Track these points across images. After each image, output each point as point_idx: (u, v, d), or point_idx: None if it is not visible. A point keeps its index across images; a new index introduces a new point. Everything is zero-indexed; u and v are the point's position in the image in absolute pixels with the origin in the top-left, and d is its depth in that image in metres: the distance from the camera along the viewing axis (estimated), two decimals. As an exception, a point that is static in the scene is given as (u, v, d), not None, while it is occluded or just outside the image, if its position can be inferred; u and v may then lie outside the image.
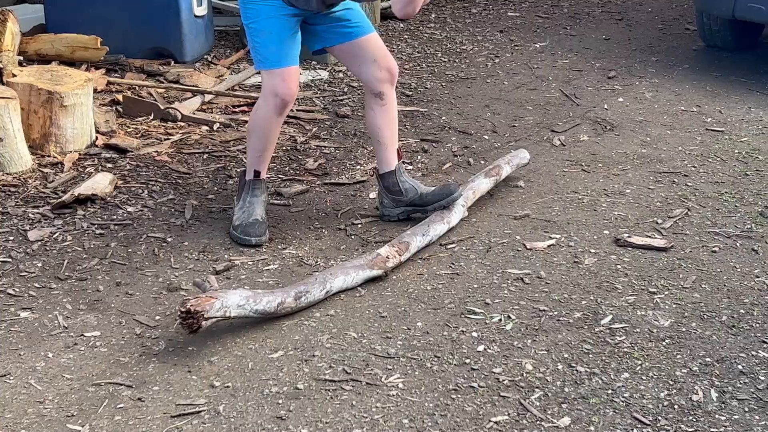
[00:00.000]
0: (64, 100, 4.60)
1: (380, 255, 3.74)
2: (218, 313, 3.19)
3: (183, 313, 3.14)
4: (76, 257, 3.83)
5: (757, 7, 5.97)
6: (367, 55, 4.03)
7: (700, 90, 5.96)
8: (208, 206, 4.29)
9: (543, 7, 7.90)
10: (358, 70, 4.09)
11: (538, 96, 5.86)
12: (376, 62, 4.03)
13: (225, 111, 5.44)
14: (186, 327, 3.15)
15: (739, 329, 3.40)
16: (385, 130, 4.13)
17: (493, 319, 3.44)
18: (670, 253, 3.94)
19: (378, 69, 4.04)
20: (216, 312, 3.18)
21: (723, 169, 4.78)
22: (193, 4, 6.02)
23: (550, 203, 4.41)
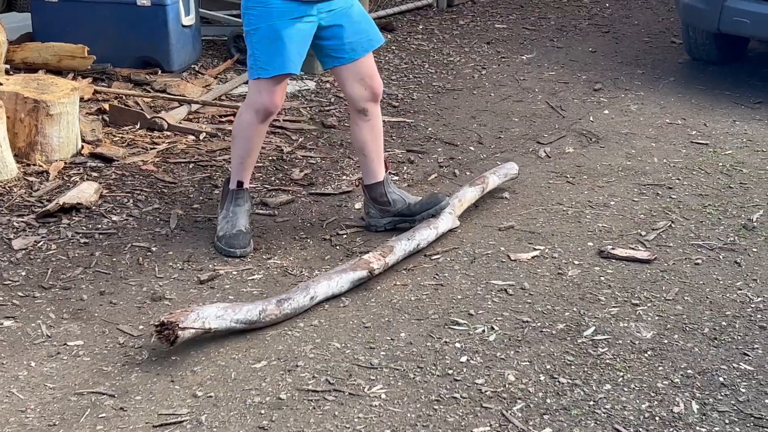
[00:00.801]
0: (50, 109, 4.60)
1: (363, 258, 3.76)
2: (195, 324, 3.19)
3: (158, 327, 3.15)
4: (60, 266, 3.82)
5: (742, 21, 6.00)
6: (356, 74, 4.03)
7: (686, 103, 5.99)
8: (193, 216, 4.29)
9: (530, 19, 7.93)
10: (343, 85, 4.10)
11: (524, 108, 5.88)
12: (362, 81, 4.04)
13: (211, 121, 5.45)
14: (163, 339, 3.15)
15: (720, 341, 3.42)
16: (371, 144, 4.15)
17: (477, 330, 3.45)
18: (653, 265, 3.96)
19: (362, 88, 4.04)
20: (192, 323, 3.18)
21: (707, 182, 4.81)
22: (181, 14, 6.02)
23: (535, 215, 4.42)
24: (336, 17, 3.92)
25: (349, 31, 3.96)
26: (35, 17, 6.07)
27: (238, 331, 3.35)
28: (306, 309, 3.52)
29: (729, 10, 6.02)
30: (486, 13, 8.06)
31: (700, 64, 6.74)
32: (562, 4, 8.48)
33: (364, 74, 4.04)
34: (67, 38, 5.80)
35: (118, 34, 5.96)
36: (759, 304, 3.68)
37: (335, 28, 3.93)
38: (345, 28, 3.95)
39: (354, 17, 3.98)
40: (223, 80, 6.08)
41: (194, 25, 6.20)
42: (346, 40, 3.97)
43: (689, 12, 6.36)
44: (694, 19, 6.41)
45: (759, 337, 3.45)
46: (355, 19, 3.98)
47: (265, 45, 3.83)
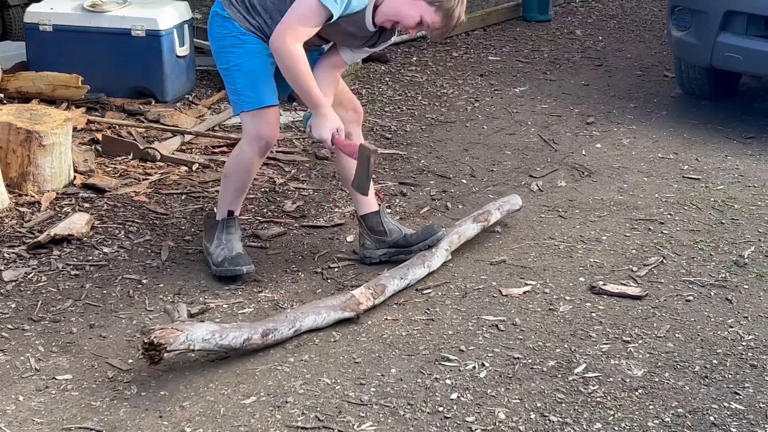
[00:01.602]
0: (43, 140, 4.60)
1: (354, 296, 3.75)
2: (182, 347, 3.19)
3: (146, 344, 3.15)
4: (50, 298, 3.81)
5: (735, 57, 6.03)
6: (337, 99, 4.05)
7: (678, 137, 6.00)
8: (184, 248, 4.29)
9: (523, 51, 7.96)
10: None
11: (517, 141, 5.89)
12: (344, 104, 4.09)
13: (204, 151, 5.45)
14: (147, 358, 3.15)
15: (711, 380, 3.41)
16: None
17: (467, 367, 3.45)
18: (644, 301, 3.96)
19: (345, 110, 4.07)
20: (179, 345, 3.18)
21: (699, 217, 4.81)
22: (176, 44, 6.04)
23: (527, 249, 4.42)
24: None
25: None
26: (30, 46, 6.08)
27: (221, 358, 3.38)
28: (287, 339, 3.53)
29: (721, 46, 6.05)
30: (479, 45, 8.09)
31: (692, 98, 6.76)
32: (555, 36, 8.52)
33: (343, 97, 4.10)
34: (61, 68, 5.81)
35: (112, 64, 5.97)
36: (750, 341, 3.68)
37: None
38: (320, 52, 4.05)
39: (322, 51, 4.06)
40: (217, 111, 6.08)
41: (189, 55, 6.22)
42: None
43: (682, 47, 6.39)
44: (687, 54, 6.44)
45: (750, 376, 3.44)
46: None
47: (249, 80, 3.87)
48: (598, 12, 9.56)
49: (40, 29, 5.98)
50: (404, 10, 3.75)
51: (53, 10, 6.03)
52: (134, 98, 6.02)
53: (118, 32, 5.92)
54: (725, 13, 6.03)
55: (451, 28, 3.82)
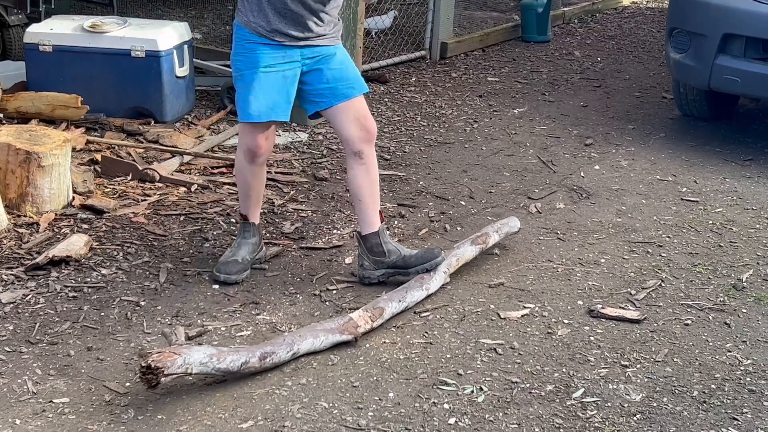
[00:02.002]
0: (42, 161, 4.61)
1: (352, 319, 3.75)
2: (179, 370, 3.19)
3: (143, 368, 3.15)
4: (48, 320, 3.81)
5: (733, 79, 6.05)
6: (349, 115, 4.13)
7: (676, 159, 6.01)
8: (183, 269, 4.28)
9: (522, 73, 7.98)
10: (339, 127, 4.20)
11: (516, 162, 5.90)
12: (357, 121, 4.14)
13: (204, 172, 5.45)
14: (144, 382, 3.15)
15: (710, 405, 3.41)
16: (366, 189, 4.20)
17: (465, 391, 3.44)
18: (642, 325, 3.96)
19: (357, 128, 4.13)
20: (177, 369, 3.18)
21: (697, 240, 4.82)
22: (175, 65, 6.05)
23: (525, 272, 4.43)
24: (317, 63, 4.06)
25: (329, 77, 4.09)
26: (30, 66, 6.08)
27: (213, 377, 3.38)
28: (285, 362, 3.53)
29: (719, 68, 6.07)
30: (478, 66, 8.11)
31: (690, 120, 6.78)
32: (554, 58, 8.54)
33: (358, 114, 4.14)
34: (61, 88, 5.81)
35: (112, 84, 5.98)
36: (748, 366, 3.67)
37: (315, 73, 4.08)
38: (324, 72, 4.09)
39: (334, 64, 4.10)
40: (216, 131, 6.09)
41: (188, 75, 6.23)
42: (326, 86, 4.09)
43: (680, 69, 6.41)
44: (685, 76, 6.46)
45: (748, 401, 3.44)
46: (335, 66, 4.10)
47: (248, 92, 4.00)
48: (597, 33, 9.59)
49: (40, 49, 5.99)
50: None
51: (53, 30, 6.04)
52: (134, 118, 6.02)
53: (117, 53, 5.93)
54: (723, 35, 6.06)
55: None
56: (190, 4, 9.53)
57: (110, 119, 5.96)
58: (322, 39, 4.04)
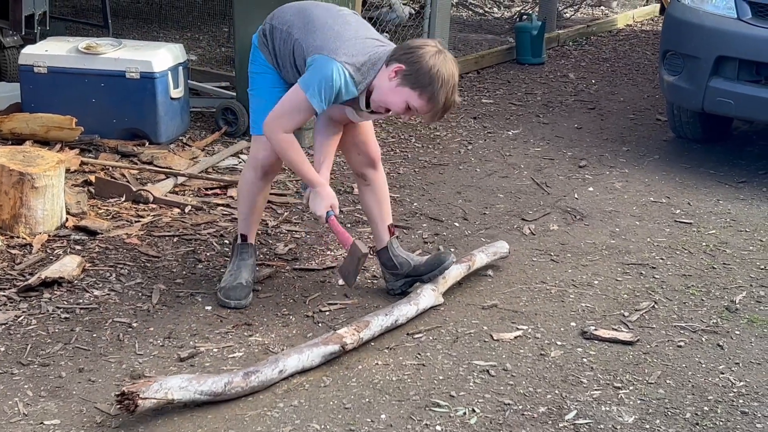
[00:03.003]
0: (36, 182, 4.61)
1: (337, 333, 3.76)
2: (157, 395, 3.18)
3: (118, 396, 3.17)
4: (39, 342, 3.80)
5: (726, 102, 6.08)
6: (350, 139, 4.21)
7: (670, 181, 6.03)
8: (175, 291, 4.28)
9: (517, 94, 8.01)
10: (342, 148, 4.27)
11: (510, 184, 5.91)
12: (356, 146, 4.22)
13: (198, 193, 5.45)
14: (123, 409, 3.15)
15: (702, 427, 3.40)
16: (373, 208, 4.32)
17: (458, 413, 3.43)
18: (635, 347, 3.95)
19: (357, 153, 4.22)
20: (154, 393, 3.17)
21: (690, 262, 4.82)
22: (170, 86, 6.06)
23: (518, 293, 4.42)
24: None
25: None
26: (24, 87, 6.09)
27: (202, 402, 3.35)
28: (275, 382, 3.51)
29: (713, 91, 6.10)
30: (473, 88, 8.13)
31: (684, 142, 6.80)
32: (548, 80, 8.57)
33: (358, 140, 4.21)
34: (55, 109, 5.82)
35: (106, 105, 5.99)
36: (741, 388, 3.67)
37: None
38: None
39: None
40: (211, 152, 6.10)
41: (183, 97, 6.24)
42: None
43: (674, 91, 6.44)
44: (679, 99, 6.48)
45: (741, 423, 3.43)
46: None
47: (259, 107, 4.07)
48: (591, 55, 9.63)
49: (34, 71, 6.00)
50: (390, 97, 3.81)
51: (48, 51, 6.06)
52: (128, 140, 6.03)
53: (112, 74, 5.95)
54: (717, 58, 6.09)
55: (440, 111, 3.81)
56: (185, 26, 9.56)
57: (104, 140, 5.97)
58: None
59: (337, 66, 3.75)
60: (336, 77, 3.75)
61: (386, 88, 3.78)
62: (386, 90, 3.79)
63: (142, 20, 9.59)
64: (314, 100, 3.76)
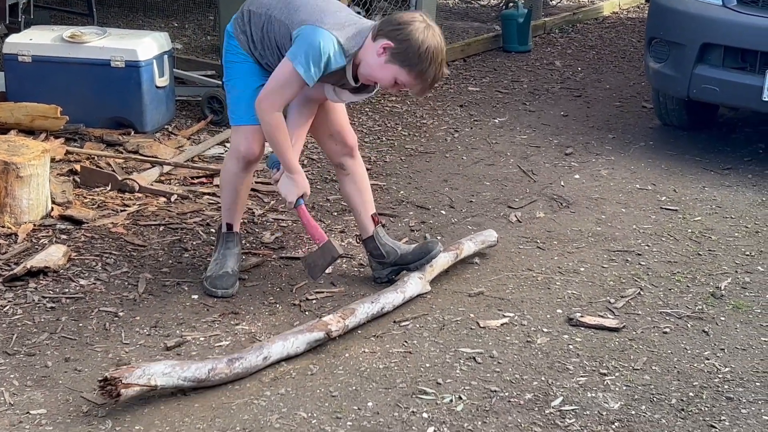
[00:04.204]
0: (20, 171, 4.59)
1: (322, 320, 3.77)
2: (140, 381, 3.18)
3: (101, 382, 3.17)
4: (25, 331, 3.79)
5: (712, 89, 6.09)
6: (326, 130, 4.19)
7: (656, 168, 6.04)
8: (162, 280, 4.27)
9: (503, 82, 8.00)
10: (318, 140, 4.30)
11: (496, 171, 5.91)
12: (332, 137, 4.21)
13: (183, 182, 5.44)
14: (106, 395, 3.15)
15: (688, 413, 3.42)
16: (355, 197, 4.31)
17: (444, 400, 3.44)
18: (621, 333, 3.97)
19: (334, 143, 4.21)
20: (137, 379, 3.18)
21: (676, 249, 4.83)
22: (155, 75, 6.04)
23: (505, 281, 4.43)
24: None
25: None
26: (8, 77, 6.06)
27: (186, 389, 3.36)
28: (259, 369, 3.51)
29: (698, 78, 6.11)
30: (459, 76, 8.13)
31: (670, 129, 6.81)
32: (534, 67, 8.57)
33: (333, 129, 4.20)
34: (40, 98, 5.79)
35: (91, 94, 5.96)
36: (726, 374, 3.69)
37: None
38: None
39: None
40: (197, 141, 6.08)
41: (168, 85, 6.22)
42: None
43: (659, 78, 6.44)
44: (665, 86, 6.49)
45: (726, 408, 3.45)
46: None
47: (237, 97, 4.06)
48: (578, 43, 9.63)
49: (19, 60, 5.97)
50: (378, 73, 3.80)
51: (32, 41, 6.03)
52: (113, 129, 6.01)
53: (97, 63, 5.92)
54: (702, 45, 6.10)
55: (429, 85, 3.82)
56: (170, 15, 9.52)
57: (90, 130, 5.95)
58: None
59: (325, 33, 3.73)
60: (324, 45, 3.72)
61: (374, 64, 3.77)
62: (374, 66, 3.78)
63: (127, 9, 9.54)
64: (302, 69, 3.73)
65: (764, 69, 5.86)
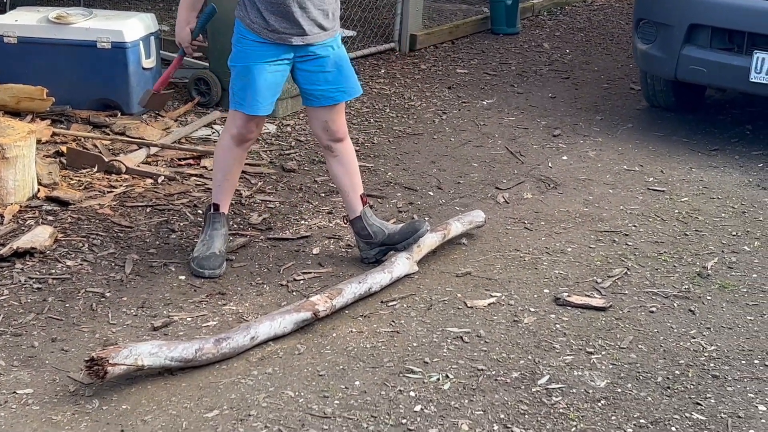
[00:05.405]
0: (6, 152, 4.57)
1: (309, 300, 3.77)
2: (127, 360, 3.18)
3: (87, 362, 3.16)
4: (12, 312, 3.78)
5: (699, 69, 6.09)
6: (318, 118, 4.25)
7: (643, 149, 6.04)
8: (149, 261, 4.26)
9: (491, 64, 7.99)
10: (309, 122, 4.39)
11: (484, 153, 5.91)
12: (324, 124, 4.25)
13: (170, 164, 5.43)
14: (93, 375, 3.15)
15: (673, 390, 3.43)
16: (343, 178, 4.34)
17: (431, 379, 3.45)
18: (608, 312, 3.98)
19: (323, 131, 4.27)
20: (124, 359, 3.18)
21: (663, 229, 4.84)
22: (142, 57, 6.02)
23: (492, 261, 4.44)
24: (310, 64, 4.12)
25: (321, 79, 4.15)
26: (-6, 58, 6.04)
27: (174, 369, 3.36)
28: (246, 349, 3.52)
29: (686, 59, 6.11)
30: (447, 58, 8.11)
31: (658, 111, 6.82)
32: (523, 49, 8.56)
33: (327, 119, 4.23)
34: (26, 80, 5.76)
35: (77, 76, 5.94)
36: (712, 352, 3.70)
37: (307, 74, 4.15)
38: (317, 75, 4.15)
39: (328, 66, 4.15)
40: (183, 123, 6.06)
41: (155, 67, 6.19)
42: (316, 87, 4.17)
43: (647, 60, 6.44)
44: (652, 67, 6.49)
45: (711, 386, 3.47)
46: (329, 68, 4.16)
47: (240, 84, 4.10)
48: (566, 25, 9.62)
49: (4, 41, 5.94)
50: None
51: (18, 22, 6.00)
52: (100, 110, 5.98)
53: (83, 44, 5.90)
54: (689, 26, 6.10)
55: None
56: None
57: (76, 111, 5.93)
58: (317, 37, 4.06)
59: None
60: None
61: None
62: None
63: (113, -9, 9.49)
64: None
65: (751, 50, 5.86)
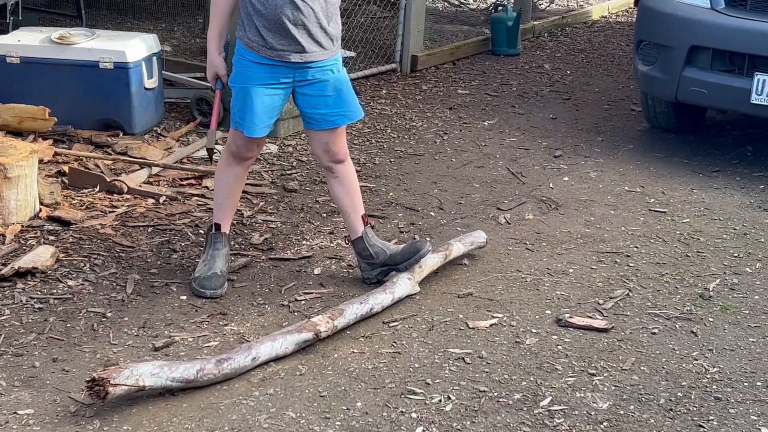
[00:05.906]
0: (8, 172, 4.57)
1: (311, 320, 3.76)
2: (128, 381, 3.17)
3: (89, 383, 3.15)
4: (13, 332, 3.77)
5: (700, 91, 6.10)
6: (319, 140, 4.24)
7: (644, 170, 6.05)
8: (150, 281, 4.26)
9: (492, 85, 8.01)
10: (310, 143, 4.39)
11: (485, 173, 5.92)
12: (325, 145, 4.24)
13: (172, 184, 5.43)
14: (94, 396, 3.14)
15: (676, 412, 3.42)
16: (344, 199, 4.33)
17: (433, 400, 3.44)
18: (610, 334, 3.97)
19: (324, 152, 4.26)
20: (125, 380, 3.17)
21: (664, 250, 4.84)
22: (144, 77, 6.03)
23: (494, 282, 4.43)
24: (310, 88, 4.11)
25: (321, 103, 4.15)
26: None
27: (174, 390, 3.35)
28: (248, 370, 3.51)
29: (687, 80, 6.12)
30: (449, 79, 8.13)
31: (658, 132, 6.83)
32: (523, 70, 8.58)
33: (327, 141, 4.22)
34: (28, 99, 5.77)
35: (80, 96, 5.95)
36: (715, 374, 3.69)
37: (307, 98, 4.14)
38: (317, 99, 4.15)
39: (328, 91, 4.14)
40: (185, 143, 6.07)
41: (157, 87, 6.21)
42: (317, 110, 4.16)
43: (648, 81, 6.46)
44: (653, 89, 6.51)
45: (714, 408, 3.46)
46: (329, 92, 4.14)
47: (239, 105, 4.10)
48: (567, 46, 9.65)
49: (7, 61, 5.95)
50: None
51: (21, 42, 6.01)
52: (102, 130, 5.99)
53: (85, 64, 5.91)
54: (690, 48, 6.11)
55: None
56: (160, 17, 9.50)
57: (78, 131, 5.93)
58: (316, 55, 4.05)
59: None
60: None
61: None
62: None
63: (115, 11, 9.52)
64: None
65: (752, 72, 5.88)
